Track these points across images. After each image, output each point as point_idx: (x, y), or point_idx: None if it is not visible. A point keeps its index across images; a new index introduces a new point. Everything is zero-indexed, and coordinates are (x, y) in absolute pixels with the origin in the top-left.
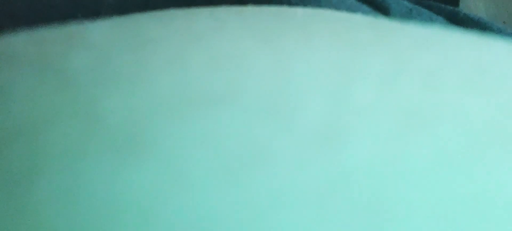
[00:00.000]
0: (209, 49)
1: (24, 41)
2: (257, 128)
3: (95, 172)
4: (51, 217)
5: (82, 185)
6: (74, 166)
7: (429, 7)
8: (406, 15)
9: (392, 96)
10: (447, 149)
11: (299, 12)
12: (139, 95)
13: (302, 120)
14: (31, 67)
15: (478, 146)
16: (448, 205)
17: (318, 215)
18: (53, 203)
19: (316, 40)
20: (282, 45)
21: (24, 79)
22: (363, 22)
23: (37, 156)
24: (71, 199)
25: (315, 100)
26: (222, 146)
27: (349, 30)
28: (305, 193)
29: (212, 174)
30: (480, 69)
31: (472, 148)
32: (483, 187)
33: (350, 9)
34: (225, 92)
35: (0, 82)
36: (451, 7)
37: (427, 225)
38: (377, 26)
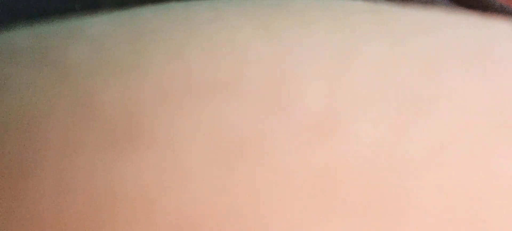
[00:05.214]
0: (207, 37)
1: (23, 35)
2: (254, 116)
3: (92, 163)
4: (48, 209)
5: (80, 177)
6: (71, 158)
7: None
8: None
9: (391, 82)
10: (448, 134)
11: None
12: (136, 86)
13: (300, 108)
14: (30, 60)
15: (479, 130)
16: (449, 191)
17: (315, 204)
18: (51, 195)
19: (315, 26)
20: (280, 32)
21: (23, 72)
22: (363, 8)
23: (35, 148)
24: (69, 191)
25: (313, 87)
26: (220, 135)
27: (349, 15)
28: (302, 182)
29: (209, 163)
30: (481, 52)
31: (473, 132)
32: (485, 172)
33: None
34: (223, 81)
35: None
36: None
37: (428, 213)
38: (377, 11)
